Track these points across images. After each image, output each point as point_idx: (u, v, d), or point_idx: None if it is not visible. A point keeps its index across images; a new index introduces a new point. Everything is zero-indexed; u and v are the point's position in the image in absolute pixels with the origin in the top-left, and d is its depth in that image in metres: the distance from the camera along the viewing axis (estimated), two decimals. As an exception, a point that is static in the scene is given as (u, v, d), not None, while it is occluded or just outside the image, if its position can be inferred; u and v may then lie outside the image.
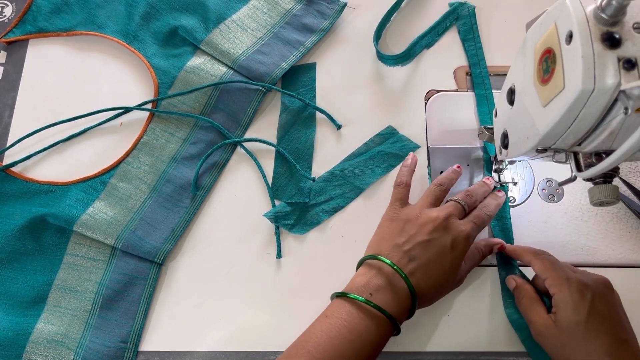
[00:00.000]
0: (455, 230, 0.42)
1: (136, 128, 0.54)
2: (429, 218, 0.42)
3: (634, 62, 0.28)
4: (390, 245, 0.42)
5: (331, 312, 0.40)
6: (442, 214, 0.42)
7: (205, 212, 0.51)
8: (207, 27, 0.56)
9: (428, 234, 0.41)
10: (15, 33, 0.58)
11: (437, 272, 0.41)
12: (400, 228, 0.43)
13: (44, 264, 0.48)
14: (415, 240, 0.41)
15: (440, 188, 0.46)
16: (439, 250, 0.41)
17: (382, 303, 0.39)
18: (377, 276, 0.40)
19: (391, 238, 0.43)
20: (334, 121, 0.53)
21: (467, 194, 0.46)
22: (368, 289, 0.40)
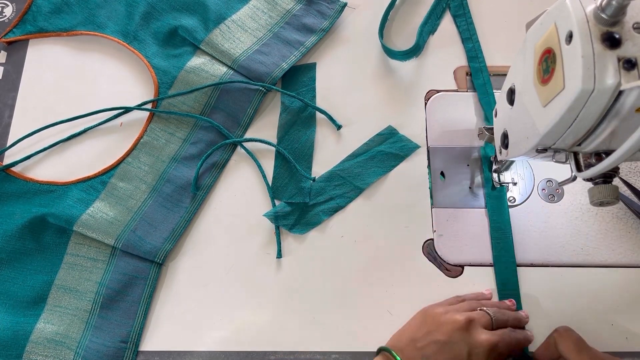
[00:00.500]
0: (477, 338, 0.39)
1: (136, 128, 0.54)
2: (451, 318, 0.41)
3: (634, 62, 0.28)
4: (407, 339, 0.41)
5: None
6: (465, 317, 0.40)
7: (205, 212, 0.51)
8: (207, 27, 0.56)
9: (445, 335, 0.40)
10: (16, 33, 0.58)
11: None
12: (421, 321, 0.42)
13: (44, 263, 0.48)
14: (431, 338, 0.40)
15: (476, 302, 0.44)
16: (455, 355, 0.39)
17: None
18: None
19: (411, 331, 0.42)
20: (334, 121, 0.53)
21: (500, 311, 0.43)
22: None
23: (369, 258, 0.48)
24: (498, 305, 0.45)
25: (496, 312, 0.42)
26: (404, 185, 0.51)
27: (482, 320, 0.41)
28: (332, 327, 0.46)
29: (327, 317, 0.46)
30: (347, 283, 0.48)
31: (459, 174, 0.52)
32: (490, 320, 0.42)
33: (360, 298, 0.47)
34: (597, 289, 0.46)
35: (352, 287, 0.47)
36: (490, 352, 0.39)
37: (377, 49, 0.57)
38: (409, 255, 0.48)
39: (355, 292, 0.47)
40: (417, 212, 0.50)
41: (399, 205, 0.50)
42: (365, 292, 0.47)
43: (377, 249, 0.49)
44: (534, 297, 0.46)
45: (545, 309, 0.46)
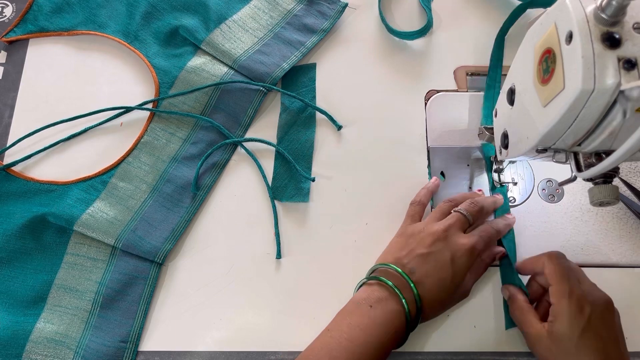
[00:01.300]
0: (456, 243, 0.42)
1: (137, 128, 0.54)
2: (429, 231, 0.43)
3: (634, 62, 0.28)
4: (392, 259, 0.42)
5: (332, 325, 0.40)
6: (442, 227, 0.42)
7: (205, 212, 0.51)
8: (208, 27, 0.56)
9: (427, 247, 0.42)
10: (16, 32, 0.58)
11: (438, 285, 0.41)
12: (404, 242, 0.44)
13: (44, 263, 0.48)
14: (414, 253, 0.42)
15: (448, 204, 0.46)
16: (439, 264, 0.41)
17: (382, 313, 0.39)
18: (378, 289, 0.40)
19: (394, 252, 0.43)
20: (335, 122, 0.53)
21: (472, 203, 0.45)
22: (368, 301, 0.40)
23: (369, 258, 0.48)
24: (470, 197, 0.46)
25: (468, 208, 0.44)
26: (404, 185, 0.51)
27: (459, 223, 0.43)
28: (332, 327, 0.46)
29: (327, 317, 0.46)
30: (347, 283, 0.48)
31: (459, 174, 0.52)
32: (466, 220, 0.44)
33: (360, 298, 0.47)
34: (597, 289, 0.46)
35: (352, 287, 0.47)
36: (471, 253, 0.42)
37: (377, 49, 0.57)
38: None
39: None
40: (417, 212, 0.50)
41: (399, 205, 0.50)
42: (365, 292, 0.47)
43: (377, 249, 0.49)
44: (534, 297, 0.46)
45: (545, 309, 0.46)
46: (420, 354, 0.45)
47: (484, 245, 0.43)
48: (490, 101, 0.52)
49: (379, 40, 0.58)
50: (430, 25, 0.56)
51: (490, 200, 0.47)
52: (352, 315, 0.40)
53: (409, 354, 0.45)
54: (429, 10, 0.57)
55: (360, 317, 0.39)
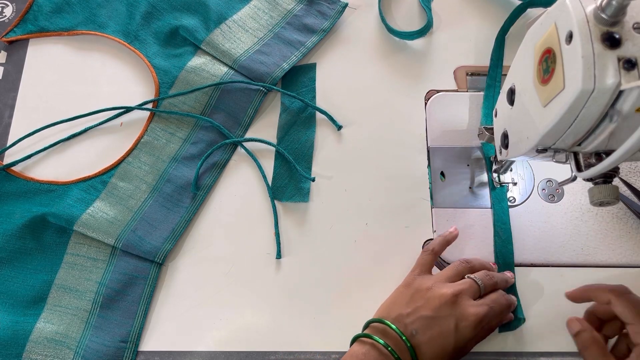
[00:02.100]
0: (464, 311, 0.39)
1: (137, 128, 0.54)
2: (438, 293, 0.40)
3: (634, 62, 0.28)
4: (395, 314, 0.40)
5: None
6: (452, 291, 0.40)
7: (205, 212, 0.51)
8: (208, 27, 0.56)
9: (433, 310, 0.39)
10: (17, 32, 0.58)
11: (438, 352, 0.39)
12: (409, 297, 0.41)
13: (44, 263, 0.48)
14: (419, 314, 0.39)
15: (465, 266, 0.44)
16: (443, 330, 0.39)
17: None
18: (375, 349, 0.39)
19: (397, 307, 0.41)
20: (335, 122, 0.53)
21: (488, 276, 0.43)
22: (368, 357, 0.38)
23: (369, 258, 0.48)
24: (484, 266, 0.44)
25: (484, 278, 0.42)
26: (404, 185, 0.51)
27: (470, 290, 0.41)
28: (332, 327, 0.46)
29: (327, 317, 0.46)
30: (347, 283, 0.48)
31: (459, 174, 0.52)
32: (478, 288, 0.41)
33: (360, 298, 0.47)
34: (597, 289, 0.46)
35: (352, 287, 0.47)
36: (479, 324, 0.39)
37: (377, 49, 0.57)
38: (409, 255, 0.48)
39: (355, 292, 0.47)
40: (417, 212, 0.50)
41: (399, 205, 0.50)
42: (366, 292, 0.47)
43: (377, 249, 0.49)
44: (534, 297, 0.46)
45: (545, 309, 0.46)
46: (420, 354, 0.45)
47: (493, 318, 0.41)
48: (490, 101, 0.52)
49: (379, 40, 0.58)
50: (430, 25, 0.56)
51: (503, 279, 0.44)
52: None
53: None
54: (429, 10, 0.57)
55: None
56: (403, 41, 0.58)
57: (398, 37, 0.57)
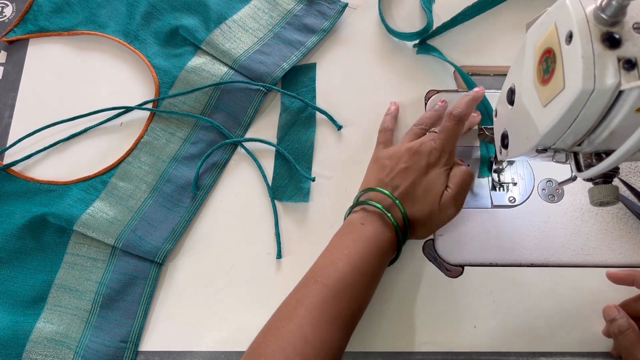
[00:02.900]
0: (426, 149, 0.44)
1: (137, 128, 0.54)
2: (405, 148, 0.45)
3: (634, 62, 0.28)
4: (375, 182, 0.44)
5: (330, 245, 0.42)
6: (418, 142, 0.45)
7: (205, 212, 0.51)
8: (208, 27, 0.56)
9: (406, 162, 0.44)
10: (16, 32, 0.58)
11: (422, 195, 0.42)
12: (383, 165, 0.45)
13: (44, 263, 0.48)
14: (395, 170, 0.44)
15: (420, 127, 0.48)
16: (418, 174, 0.43)
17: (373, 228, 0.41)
18: (367, 211, 0.43)
19: (376, 176, 0.45)
20: (335, 122, 0.53)
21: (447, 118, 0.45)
22: (359, 220, 0.42)
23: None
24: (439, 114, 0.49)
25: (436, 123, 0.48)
26: (404, 185, 0.51)
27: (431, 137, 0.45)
28: (332, 327, 0.46)
29: (327, 317, 0.46)
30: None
31: (459, 174, 0.51)
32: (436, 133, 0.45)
33: (360, 298, 0.47)
34: (597, 289, 0.46)
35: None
36: (440, 151, 0.43)
37: (377, 49, 0.57)
38: (409, 255, 0.48)
39: (355, 292, 0.47)
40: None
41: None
42: (365, 292, 0.47)
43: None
44: (534, 297, 0.46)
45: (545, 309, 0.46)
46: (420, 354, 0.45)
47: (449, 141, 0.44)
48: None
49: (379, 40, 0.58)
50: (430, 26, 0.56)
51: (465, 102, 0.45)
52: (346, 234, 0.42)
53: (409, 354, 0.45)
54: (430, 12, 0.57)
55: (354, 234, 0.41)
56: (403, 42, 0.58)
57: (397, 38, 0.57)
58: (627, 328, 0.40)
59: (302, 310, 0.37)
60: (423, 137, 0.46)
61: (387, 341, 0.45)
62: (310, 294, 0.38)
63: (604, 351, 0.44)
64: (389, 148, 0.47)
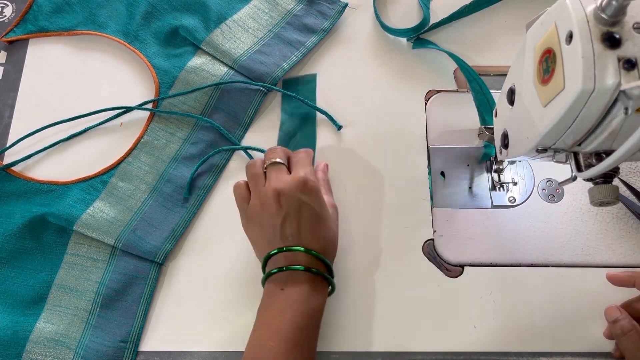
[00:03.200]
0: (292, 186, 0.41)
1: (137, 128, 0.54)
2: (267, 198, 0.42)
3: (634, 62, 0.28)
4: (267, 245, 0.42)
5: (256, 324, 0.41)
6: (272, 185, 0.42)
7: (205, 212, 0.51)
8: (208, 27, 0.56)
9: (280, 210, 0.41)
10: (16, 32, 0.58)
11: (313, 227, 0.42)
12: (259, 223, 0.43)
13: (44, 263, 0.48)
14: (277, 223, 0.41)
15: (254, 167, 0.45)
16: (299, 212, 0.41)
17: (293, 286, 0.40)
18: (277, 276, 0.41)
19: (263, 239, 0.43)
20: (335, 122, 0.53)
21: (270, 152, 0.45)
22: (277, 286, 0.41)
23: (368, 258, 0.48)
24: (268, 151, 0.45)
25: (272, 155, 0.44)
26: (404, 185, 0.51)
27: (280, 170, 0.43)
28: (332, 327, 0.46)
29: (326, 317, 0.46)
30: (346, 283, 0.48)
31: (459, 174, 0.52)
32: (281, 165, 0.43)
33: (360, 298, 0.47)
34: (597, 289, 0.46)
35: (352, 287, 0.47)
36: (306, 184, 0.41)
37: (377, 49, 0.57)
38: (409, 255, 0.48)
39: (355, 292, 0.47)
40: (417, 212, 0.50)
41: (399, 205, 0.50)
42: (365, 292, 0.47)
43: (377, 249, 0.49)
44: (534, 297, 0.46)
45: (545, 309, 0.46)
46: (420, 354, 0.45)
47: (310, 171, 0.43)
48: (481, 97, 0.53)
49: (379, 40, 0.58)
50: (426, 22, 0.56)
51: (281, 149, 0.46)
52: (269, 306, 0.41)
53: (409, 354, 0.45)
54: (427, 9, 0.57)
55: (278, 304, 0.40)
56: (403, 41, 0.58)
57: (392, 35, 0.57)
58: (630, 329, 0.39)
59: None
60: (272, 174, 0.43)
61: (387, 341, 0.45)
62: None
63: (604, 351, 0.44)
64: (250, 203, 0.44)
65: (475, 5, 0.57)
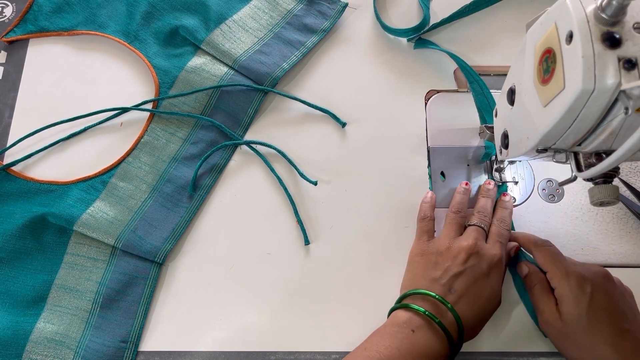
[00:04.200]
0: (488, 255, 0.42)
1: (137, 128, 0.54)
2: (460, 247, 0.42)
3: (634, 62, 0.28)
4: (426, 281, 0.41)
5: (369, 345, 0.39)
6: (471, 241, 0.42)
7: (205, 212, 0.51)
8: (208, 27, 0.56)
9: (462, 264, 0.41)
10: (17, 32, 0.58)
11: (479, 301, 0.41)
12: (434, 262, 0.42)
13: (44, 263, 0.48)
14: (451, 271, 0.41)
15: (459, 215, 0.46)
16: (477, 279, 0.41)
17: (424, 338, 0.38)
18: (417, 315, 0.39)
19: (426, 273, 0.42)
20: (338, 119, 0.53)
21: (481, 214, 0.46)
22: (410, 325, 0.39)
23: (369, 258, 0.48)
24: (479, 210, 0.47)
25: (482, 220, 0.45)
26: (404, 185, 0.51)
27: (481, 235, 0.44)
28: (332, 327, 0.46)
29: (327, 317, 0.46)
30: (347, 283, 0.48)
31: (459, 174, 0.52)
32: (484, 231, 0.45)
33: (360, 298, 0.47)
34: (597, 289, 0.46)
35: (352, 288, 0.47)
36: (502, 262, 0.43)
37: (377, 49, 0.57)
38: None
39: (355, 292, 0.47)
40: (417, 212, 0.50)
41: (399, 205, 0.50)
42: (366, 292, 0.47)
43: (377, 249, 0.49)
44: (534, 297, 0.46)
45: (545, 309, 0.46)
46: (420, 354, 0.45)
47: (505, 249, 0.44)
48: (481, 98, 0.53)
49: (380, 40, 0.58)
50: (426, 22, 0.56)
51: (490, 203, 0.48)
52: (392, 337, 0.38)
53: (409, 354, 0.45)
54: (427, 8, 0.57)
55: (400, 341, 0.38)
56: (403, 41, 0.58)
57: (392, 35, 0.57)
58: (537, 282, 0.43)
59: None
60: (474, 233, 0.44)
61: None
62: None
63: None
64: (434, 240, 0.45)
65: (475, 5, 0.57)
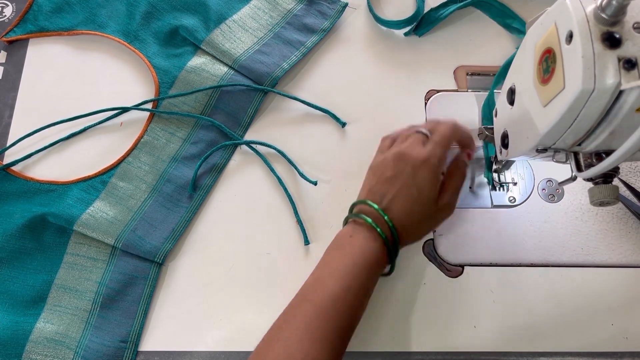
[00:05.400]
0: (411, 156, 0.41)
1: (137, 128, 0.54)
2: (390, 154, 0.43)
3: (634, 62, 0.28)
4: (365, 191, 0.43)
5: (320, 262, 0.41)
6: (402, 147, 0.42)
7: (205, 212, 0.51)
8: (208, 27, 0.56)
9: (392, 169, 0.42)
10: (16, 32, 0.58)
11: (408, 202, 0.41)
12: (373, 173, 0.44)
13: (44, 263, 0.48)
14: (382, 178, 0.42)
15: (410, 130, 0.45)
16: (404, 181, 0.41)
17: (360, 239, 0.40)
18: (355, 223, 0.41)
19: (366, 185, 0.44)
20: (338, 119, 0.53)
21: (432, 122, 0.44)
22: (347, 233, 0.41)
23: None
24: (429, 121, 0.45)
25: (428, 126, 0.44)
26: (404, 185, 0.51)
27: (417, 139, 0.42)
28: (332, 327, 0.46)
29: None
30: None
31: (459, 174, 0.51)
32: (425, 136, 0.43)
33: (360, 298, 0.47)
34: (597, 289, 0.46)
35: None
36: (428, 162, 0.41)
37: (377, 49, 0.57)
38: (409, 255, 0.48)
39: (355, 292, 0.47)
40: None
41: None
42: (365, 292, 0.47)
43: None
44: (534, 297, 0.46)
45: (545, 309, 0.46)
46: (420, 354, 0.45)
47: (442, 152, 0.42)
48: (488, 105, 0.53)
49: (379, 40, 0.58)
50: (420, 13, 0.56)
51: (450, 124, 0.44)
52: (334, 249, 0.41)
53: (409, 354, 0.45)
54: (422, 1, 0.57)
55: (342, 249, 0.40)
56: (403, 41, 0.58)
57: (386, 27, 0.57)
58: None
59: (288, 331, 0.37)
60: (410, 139, 0.43)
61: (387, 341, 0.45)
62: (297, 313, 0.38)
63: (605, 351, 0.44)
64: (381, 153, 0.46)
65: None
